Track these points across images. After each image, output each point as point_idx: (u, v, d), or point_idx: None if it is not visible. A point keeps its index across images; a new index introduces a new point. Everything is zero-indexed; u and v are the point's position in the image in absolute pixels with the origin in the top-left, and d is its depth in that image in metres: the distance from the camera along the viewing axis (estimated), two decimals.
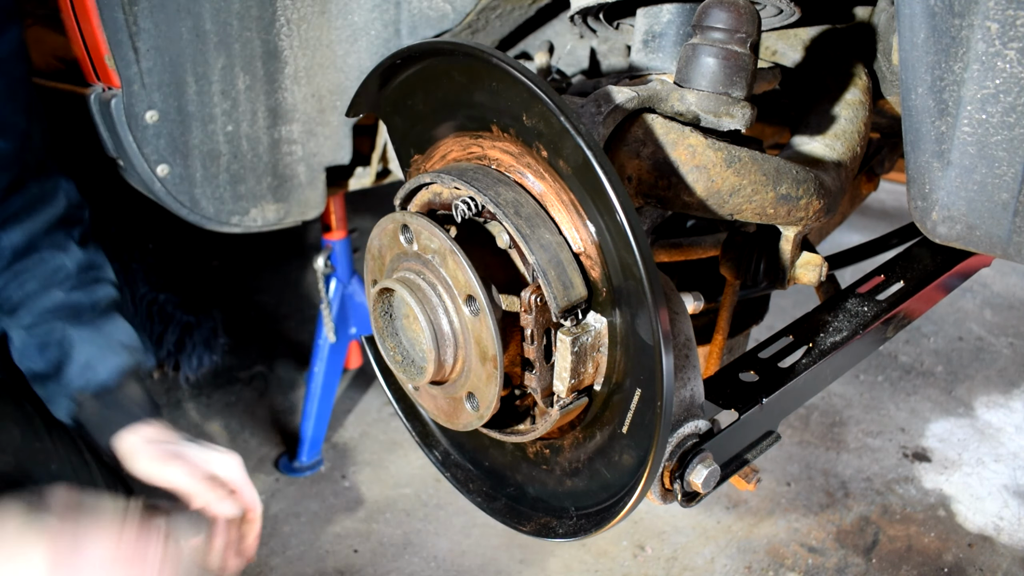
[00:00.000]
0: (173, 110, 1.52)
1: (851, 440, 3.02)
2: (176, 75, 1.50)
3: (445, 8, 1.56)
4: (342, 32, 1.62)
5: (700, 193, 1.01)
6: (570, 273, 0.85)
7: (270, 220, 1.74)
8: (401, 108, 1.04)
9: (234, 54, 1.54)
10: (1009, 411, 3.23)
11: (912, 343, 3.74)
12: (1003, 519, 2.63)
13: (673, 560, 2.43)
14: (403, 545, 2.46)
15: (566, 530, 1.00)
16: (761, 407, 1.06)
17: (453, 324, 0.88)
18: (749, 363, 1.16)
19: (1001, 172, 0.87)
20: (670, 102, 1.02)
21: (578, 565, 2.39)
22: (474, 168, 0.91)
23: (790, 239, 1.15)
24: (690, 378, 0.98)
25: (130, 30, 1.41)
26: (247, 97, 1.59)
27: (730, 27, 0.98)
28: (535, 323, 0.85)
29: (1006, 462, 2.92)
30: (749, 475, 1.09)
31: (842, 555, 2.46)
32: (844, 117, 1.24)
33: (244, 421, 3.06)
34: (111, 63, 1.43)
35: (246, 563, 1.26)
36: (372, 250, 0.99)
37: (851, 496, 2.72)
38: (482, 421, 0.92)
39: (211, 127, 1.58)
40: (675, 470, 0.95)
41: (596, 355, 0.87)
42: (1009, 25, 0.81)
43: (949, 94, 0.88)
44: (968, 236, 0.93)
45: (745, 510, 2.65)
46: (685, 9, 1.13)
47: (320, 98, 1.67)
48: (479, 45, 0.84)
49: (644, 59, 1.16)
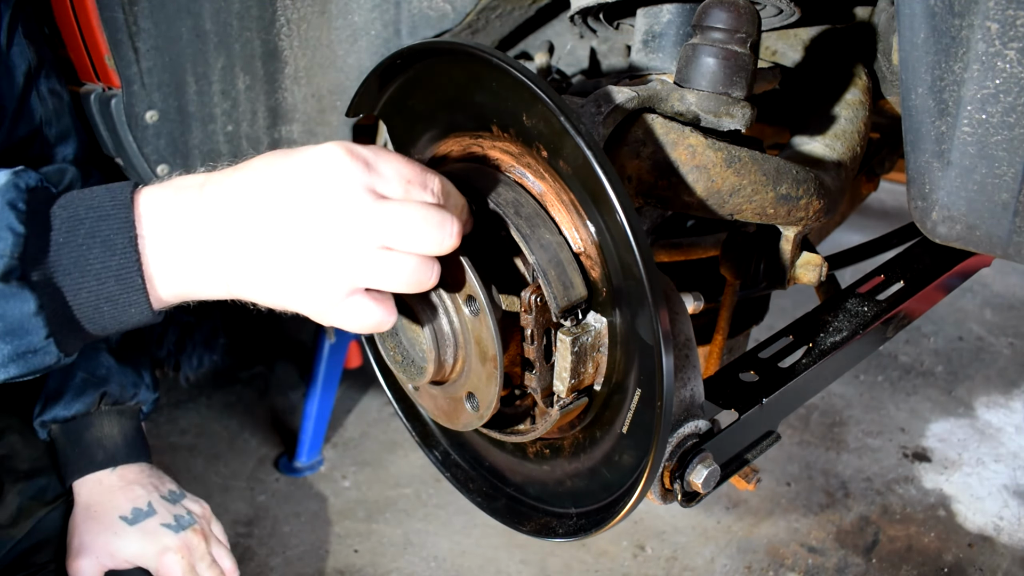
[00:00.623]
0: (173, 110, 1.52)
1: (851, 440, 3.02)
2: (176, 75, 1.50)
3: (445, 8, 1.56)
4: (342, 32, 1.62)
5: (700, 193, 1.01)
6: (570, 273, 0.85)
7: None
8: (401, 108, 1.04)
9: (234, 54, 1.54)
10: (1009, 411, 3.23)
11: (912, 343, 3.74)
12: (1003, 519, 2.63)
13: (673, 560, 2.43)
14: (403, 545, 2.46)
15: (566, 530, 1.00)
16: (761, 407, 1.06)
17: (453, 324, 0.88)
18: (749, 363, 1.16)
19: (1001, 172, 0.87)
20: (670, 102, 1.02)
21: (578, 565, 2.39)
22: (474, 168, 0.91)
23: (790, 239, 1.15)
24: (690, 378, 0.98)
25: (130, 30, 1.41)
26: (247, 97, 1.59)
27: (730, 27, 0.98)
28: (535, 323, 0.85)
29: (1006, 462, 2.92)
30: (749, 475, 1.09)
31: (842, 555, 2.46)
32: (844, 117, 1.24)
33: (244, 421, 3.06)
34: (111, 63, 1.43)
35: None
36: None
37: (851, 496, 2.72)
38: (482, 421, 0.92)
39: (211, 127, 1.58)
40: (675, 470, 0.95)
41: (596, 355, 0.87)
42: (1009, 25, 0.81)
43: (949, 94, 0.88)
44: (968, 236, 0.93)
45: (745, 510, 2.65)
46: (685, 9, 1.13)
47: (320, 98, 1.67)
48: (479, 45, 0.84)
49: (644, 59, 1.16)
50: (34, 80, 1.30)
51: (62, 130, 1.37)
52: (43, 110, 1.33)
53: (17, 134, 1.29)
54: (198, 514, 1.31)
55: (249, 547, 2.43)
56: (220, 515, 1.40)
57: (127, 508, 1.24)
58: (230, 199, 0.77)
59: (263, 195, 0.76)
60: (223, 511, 2.53)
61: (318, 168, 0.75)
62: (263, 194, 0.76)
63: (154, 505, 1.26)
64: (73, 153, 1.40)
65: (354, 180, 0.75)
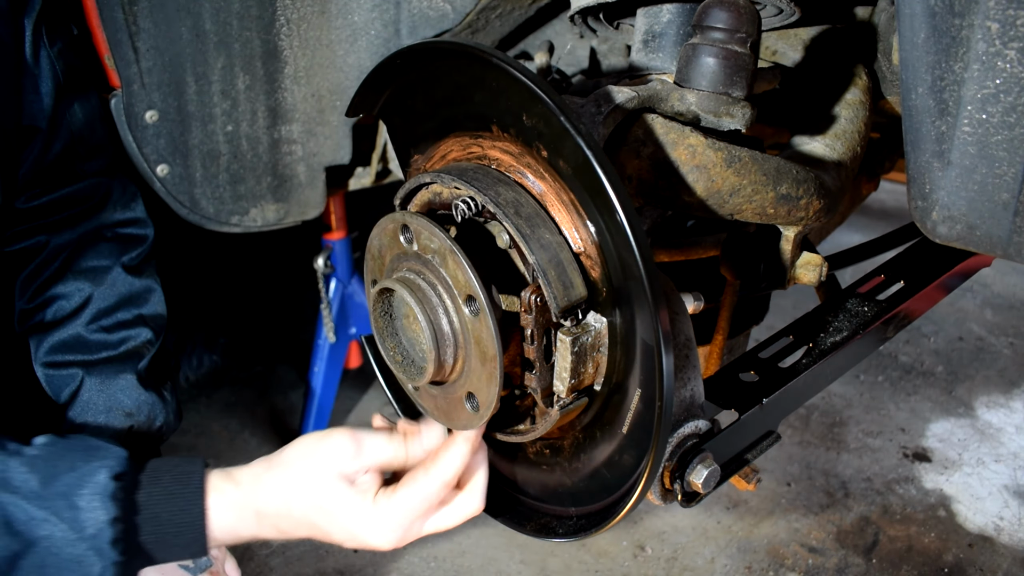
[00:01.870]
0: (173, 110, 1.52)
1: (851, 440, 3.02)
2: (176, 75, 1.50)
3: (445, 8, 1.56)
4: (342, 32, 1.62)
5: (700, 193, 1.01)
6: (570, 273, 0.85)
7: (270, 220, 1.74)
8: (401, 108, 1.04)
9: (234, 54, 1.54)
10: (1009, 411, 3.23)
11: (912, 343, 3.74)
12: (1003, 519, 2.62)
13: (673, 560, 2.43)
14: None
15: (566, 530, 1.00)
16: (761, 407, 1.06)
17: (453, 324, 0.88)
18: (749, 363, 1.16)
19: (1001, 172, 0.87)
20: (670, 102, 1.02)
21: (578, 565, 2.39)
22: (474, 168, 0.91)
23: (790, 239, 1.15)
24: (690, 378, 0.98)
25: (130, 30, 1.41)
26: (247, 97, 1.59)
27: (730, 27, 0.98)
28: (535, 323, 0.85)
29: (1006, 462, 2.92)
30: (749, 475, 1.09)
31: (842, 555, 2.46)
32: (844, 117, 1.24)
33: (244, 421, 3.05)
34: (111, 63, 1.43)
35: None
36: (372, 250, 0.99)
37: (851, 496, 2.72)
38: (482, 421, 0.92)
39: (211, 127, 1.58)
40: (675, 470, 0.95)
41: (596, 355, 0.87)
42: (1009, 25, 0.81)
43: (949, 94, 0.88)
44: (968, 236, 0.93)
45: (745, 510, 2.65)
46: (685, 9, 1.13)
47: (320, 98, 1.67)
48: (479, 45, 0.84)
49: (644, 59, 1.16)
50: (65, 94, 1.26)
51: (95, 143, 1.35)
52: (76, 125, 1.30)
53: (53, 151, 1.27)
54: (214, 556, 1.32)
55: (249, 547, 2.43)
56: None
57: None
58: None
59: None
60: None
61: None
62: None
63: None
64: (106, 163, 1.38)
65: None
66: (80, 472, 0.96)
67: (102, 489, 0.95)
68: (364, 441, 1.01)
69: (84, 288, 1.31)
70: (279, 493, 1.00)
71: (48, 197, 1.30)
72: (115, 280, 1.34)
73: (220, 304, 3.21)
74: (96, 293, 1.32)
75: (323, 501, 0.99)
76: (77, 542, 0.93)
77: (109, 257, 1.35)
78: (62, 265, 1.32)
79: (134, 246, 1.39)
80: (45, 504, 0.94)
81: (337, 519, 0.99)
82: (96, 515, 0.94)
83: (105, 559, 0.94)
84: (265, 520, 1.01)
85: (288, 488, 1.00)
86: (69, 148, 1.29)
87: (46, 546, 0.93)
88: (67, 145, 1.29)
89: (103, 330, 1.31)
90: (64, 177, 1.31)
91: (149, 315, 1.37)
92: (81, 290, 1.31)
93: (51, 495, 0.94)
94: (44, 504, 0.94)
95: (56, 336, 1.30)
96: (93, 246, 1.35)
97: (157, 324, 1.39)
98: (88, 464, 0.97)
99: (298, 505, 1.00)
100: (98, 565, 0.94)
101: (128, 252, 1.38)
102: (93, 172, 1.35)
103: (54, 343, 1.29)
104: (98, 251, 1.35)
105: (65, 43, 1.26)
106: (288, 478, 1.00)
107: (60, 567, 0.93)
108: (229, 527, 1.00)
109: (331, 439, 1.01)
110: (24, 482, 0.95)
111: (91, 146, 1.33)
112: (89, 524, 0.93)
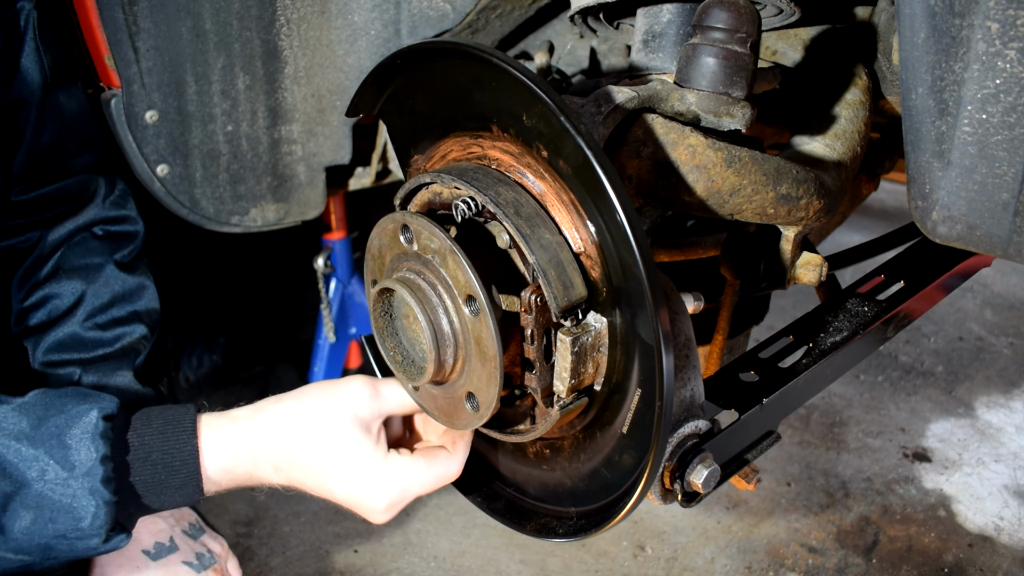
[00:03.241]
0: (173, 110, 1.52)
1: (851, 440, 3.02)
2: (176, 75, 1.50)
3: (445, 8, 1.56)
4: (342, 32, 1.62)
5: (700, 193, 1.01)
6: (570, 273, 0.85)
7: (270, 220, 1.74)
8: (401, 108, 1.04)
9: (234, 54, 1.54)
10: (1009, 411, 3.23)
11: (912, 343, 3.74)
12: (1003, 519, 2.63)
13: (673, 560, 2.43)
14: (403, 545, 2.47)
15: (566, 530, 1.00)
16: (761, 407, 1.06)
17: (453, 324, 0.88)
18: (749, 363, 1.16)
19: (1001, 172, 0.87)
20: (670, 102, 1.02)
21: (578, 565, 2.39)
22: (474, 168, 0.91)
23: (790, 239, 1.15)
24: (690, 378, 0.98)
25: (130, 30, 1.41)
26: (247, 97, 1.59)
27: (730, 27, 0.98)
28: (535, 323, 0.85)
29: (1006, 462, 2.92)
30: (749, 475, 1.09)
31: (842, 555, 2.46)
32: (844, 117, 1.24)
33: None
34: (111, 63, 1.43)
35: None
36: (372, 250, 0.99)
37: (851, 496, 2.72)
38: (482, 421, 0.92)
39: (211, 127, 1.58)
40: (675, 470, 0.95)
41: (596, 355, 0.87)
42: (1009, 25, 0.81)
43: (949, 94, 0.88)
44: (968, 236, 0.93)
45: (745, 510, 2.65)
46: (685, 9, 1.13)
47: (320, 98, 1.67)
48: (479, 45, 0.84)
49: (644, 59, 1.16)
50: (52, 86, 1.27)
51: (83, 138, 1.35)
52: (63, 118, 1.31)
53: (41, 143, 1.28)
54: (218, 553, 1.31)
55: (249, 547, 2.43)
56: (220, 515, 1.40)
57: (149, 542, 1.22)
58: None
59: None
60: (223, 511, 2.53)
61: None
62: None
63: (176, 541, 1.25)
64: (95, 160, 1.38)
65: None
66: (70, 414, 0.95)
67: (92, 428, 0.94)
68: (381, 387, 1.00)
69: (77, 286, 1.31)
70: (285, 426, 0.97)
71: (38, 192, 1.31)
72: (108, 277, 1.34)
73: (220, 304, 3.21)
74: (89, 291, 1.32)
75: (332, 442, 0.96)
76: (68, 480, 0.92)
77: (101, 255, 1.35)
78: (55, 264, 1.32)
79: (126, 243, 1.40)
80: (35, 444, 0.93)
81: (341, 464, 0.96)
82: (87, 453, 0.93)
83: (98, 498, 0.92)
84: (263, 454, 0.98)
85: (296, 422, 0.97)
86: (58, 141, 1.30)
87: (38, 488, 0.92)
88: (55, 138, 1.29)
89: (98, 327, 1.31)
90: (54, 172, 1.32)
91: (143, 311, 1.37)
92: (74, 288, 1.31)
93: (41, 436, 0.93)
94: (34, 444, 0.93)
95: (53, 336, 1.30)
96: (85, 244, 1.35)
97: (152, 320, 1.39)
98: (79, 406, 0.96)
99: (303, 442, 0.96)
100: (92, 505, 0.92)
101: (120, 249, 1.38)
102: (82, 168, 1.35)
103: (51, 343, 1.29)
104: (90, 249, 1.35)
105: (53, 35, 1.27)
106: (298, 412, 0.97)
107: (54, 508, 0.92)
108: (225, 465, 0.98)
109: (348, 382, 0.99)
110: (14, 424, 0.94)
111: (79, 141, 1.34)
112: (79, 463, 0.92)
